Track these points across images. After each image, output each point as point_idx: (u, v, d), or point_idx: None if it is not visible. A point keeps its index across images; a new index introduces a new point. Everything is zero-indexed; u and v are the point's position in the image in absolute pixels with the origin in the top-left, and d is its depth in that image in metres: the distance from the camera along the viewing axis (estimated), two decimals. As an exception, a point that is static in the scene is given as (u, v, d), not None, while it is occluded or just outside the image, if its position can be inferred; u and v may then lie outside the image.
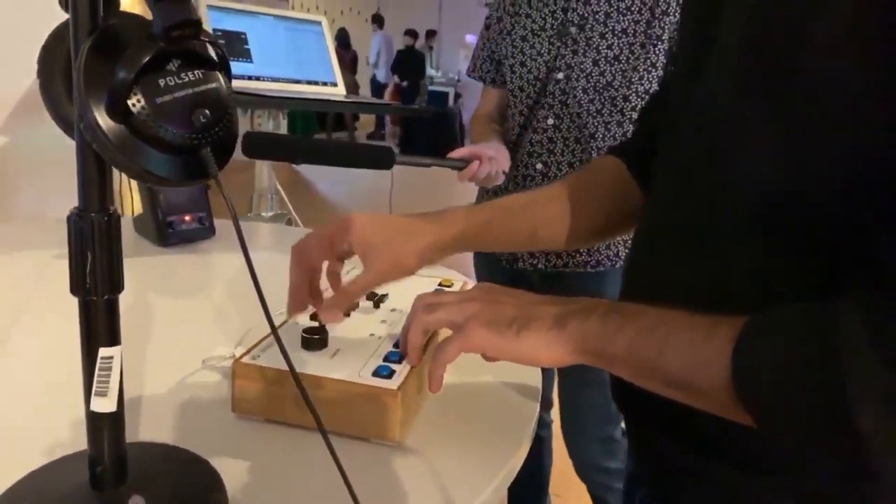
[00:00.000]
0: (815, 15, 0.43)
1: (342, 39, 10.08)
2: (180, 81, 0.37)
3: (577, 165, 1.25)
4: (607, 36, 1.19)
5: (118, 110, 0.36)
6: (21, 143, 1.25)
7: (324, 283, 0.67)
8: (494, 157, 1.21)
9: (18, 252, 1.03)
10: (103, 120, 0.36)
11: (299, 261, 0.64)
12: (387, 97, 10.00)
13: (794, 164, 0.46)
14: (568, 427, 1.41)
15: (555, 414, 1.50)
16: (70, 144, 0.41)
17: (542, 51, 1.25)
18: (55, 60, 0.41)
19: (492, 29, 1.37)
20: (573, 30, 1.21)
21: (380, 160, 1.02)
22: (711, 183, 0.52)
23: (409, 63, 10.08)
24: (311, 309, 0.66)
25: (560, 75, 1.23)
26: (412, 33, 10.22)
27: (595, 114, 1.22)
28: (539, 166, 1.28)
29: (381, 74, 10.60)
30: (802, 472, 0.49)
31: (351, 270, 0.70)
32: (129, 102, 0.35)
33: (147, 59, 0.35)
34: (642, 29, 1.18)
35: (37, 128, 1.17)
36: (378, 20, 10.84)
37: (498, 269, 1.36)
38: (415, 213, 0.70)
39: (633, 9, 1.18)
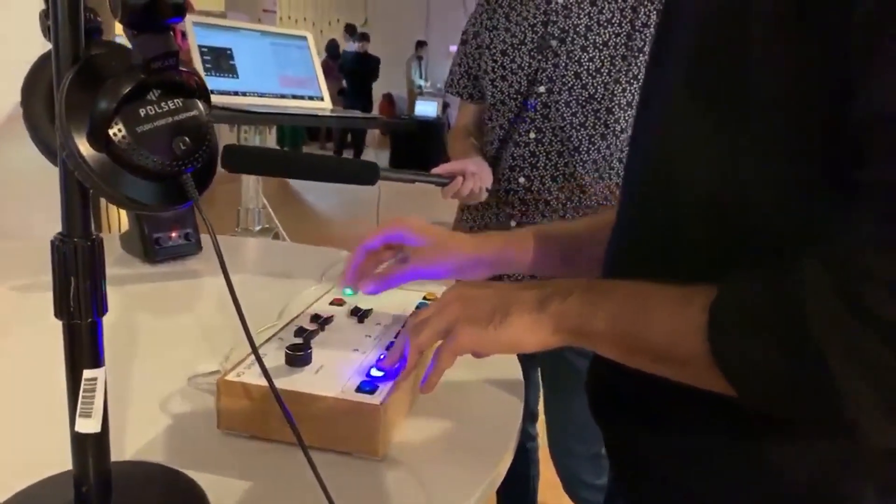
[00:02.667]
0: (748, 12, 0.45)
1: (332, 50, 10.08)
2: (160, 110, 0.38)
3: (560, 179, 1.26)
4: (588, 49, 1.20)
5: (100, 139, 0.37)
6: (5, 161, 1.25)
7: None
8: (477, 173, 1.21)
9: (1, 272, 1.03)
10: (85, 148, 0.37)
11: (358, 246, 0.72)
12: (375, 110, 9.91)
13: (736, 167, 0.48)
14: (555, 445, 1.41)
15: (540, 426, 1.51)
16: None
17: (523, 64, 1.26)
18: (37, 89, 0.42)
19: (469, 44, 1.38)
20: (554, 43, 1.22)
21: (363, 175, 1.02)
22: (665, 188, 0.54)
23: (356, 67, 9.52)
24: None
25: (541, 88, 1.23)
26: (364, 37, 9.74)
27: (579, 127, 1.22)
28: (522, 180, 1.28)
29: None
30: (781, 476, 0.50)
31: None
32: (111, 132, 0.36)
33: (128, 89, 0.36)
34: (623, 41, 1.19)
35: (22, 145, 1.17)
36: (351, 30, 10.77)
37: None
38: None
39: (613, 21, 1.20)
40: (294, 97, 1.64)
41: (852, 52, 0.40)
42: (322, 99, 1.70)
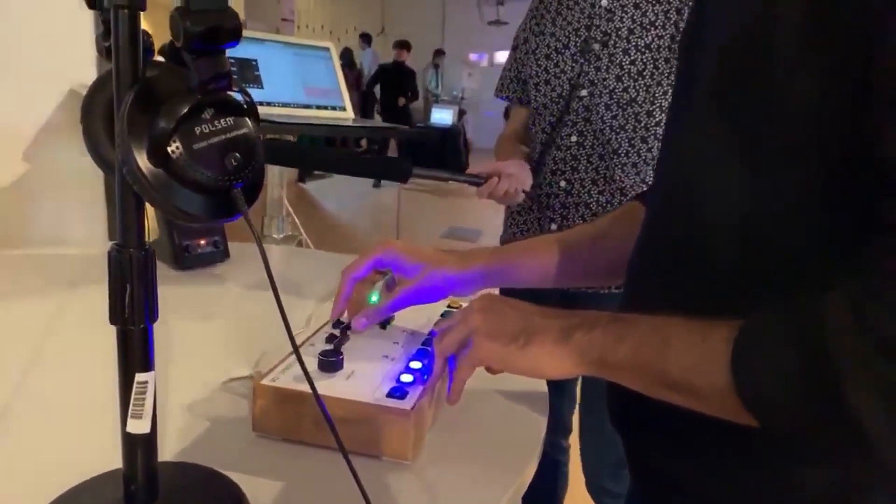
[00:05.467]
0: (772, 38, 0.46)
1: (346, 59, 10.17)
2: (214, 128, 0.40)
3: (600, 183, 1.24)
4: (630, 52, 1.18)
5: (158, 156, 0.39)
6: (42, 170, 1.29)
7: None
8: (514, 175, 1.20)
9: (41, 280, 1.06)
10: (144, 164, 0.39)
11: (346, 275, 0.72)
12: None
13: (760, 185, 0.49)
14: (584, 449, 1.40)
15: (573, 439, 1.51)
16: (89, 173, 0.44)
17: (566, 68, 1.24)
18: (97, 107, 0.45)
19: (518, 49, 1.37)
20: (596, 46, 1.20)
21: (397, 172, 1.02)
22: (689, 204, 0.55)
23: (392, 80, 9.04)
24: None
25: (583, 92, 1.22)
26: (404, 45, 9.12)
27: (619, 130, 1.21)
28: (563, 184, 1.26)
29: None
30: (799, 490, 0.51)
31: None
32: (169, 149, 0.39)
33: (186, 110, 0.39)
34: (666, 44, 1.17)
35: (58, 155, 1.20)
36: (366, 38, 10.82)
37: (517, 292, 1.37)
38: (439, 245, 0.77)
39: (656, 24, 1.17)
40: (318, 107, 1.66)
41: (875, 92, 0.41)
42: (344, 109, 1.73)
